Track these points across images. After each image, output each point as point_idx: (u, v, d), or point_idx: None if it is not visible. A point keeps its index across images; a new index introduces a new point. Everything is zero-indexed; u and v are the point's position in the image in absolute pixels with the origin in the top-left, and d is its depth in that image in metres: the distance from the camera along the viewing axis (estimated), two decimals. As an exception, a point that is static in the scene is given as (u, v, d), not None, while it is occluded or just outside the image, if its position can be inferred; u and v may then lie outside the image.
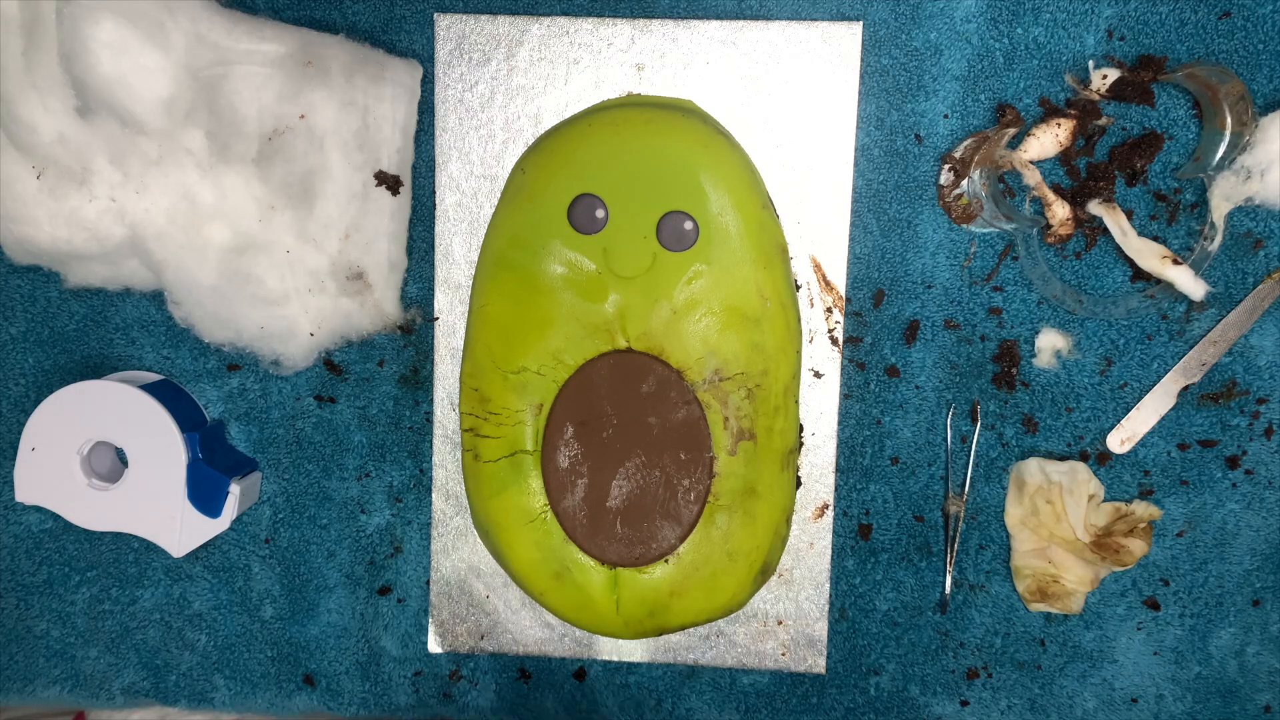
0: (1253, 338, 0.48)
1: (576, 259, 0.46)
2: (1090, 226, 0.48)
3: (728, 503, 0.46)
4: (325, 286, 0.49)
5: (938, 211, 0.49)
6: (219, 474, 0.49)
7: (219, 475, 0.49)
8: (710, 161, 0.46)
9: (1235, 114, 0.45)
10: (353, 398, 0.52)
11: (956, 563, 0.51)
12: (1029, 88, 0.47)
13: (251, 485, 0.51)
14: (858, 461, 0.50)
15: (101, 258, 0.49)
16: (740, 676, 0.52)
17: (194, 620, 0.53)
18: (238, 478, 0.50)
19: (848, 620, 0.51)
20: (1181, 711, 0.51)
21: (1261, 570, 0.50)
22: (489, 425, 0.47)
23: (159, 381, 0.51)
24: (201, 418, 0.52)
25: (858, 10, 0.48)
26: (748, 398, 0.46)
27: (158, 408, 0.49)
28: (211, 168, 0.47)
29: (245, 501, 0.51)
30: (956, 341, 0.49)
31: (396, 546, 0.52)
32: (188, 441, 0.49)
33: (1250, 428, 0.49)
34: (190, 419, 0.51)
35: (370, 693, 0.53)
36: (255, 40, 0.46)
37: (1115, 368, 0.49)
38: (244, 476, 0.51)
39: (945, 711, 0.52)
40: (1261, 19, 0.46)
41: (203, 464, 0.49)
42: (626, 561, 0.47)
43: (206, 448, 0.50)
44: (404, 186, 0.49)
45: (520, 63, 0.48)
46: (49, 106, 0.46)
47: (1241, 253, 0.48)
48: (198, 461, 0.49)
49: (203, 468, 0.49)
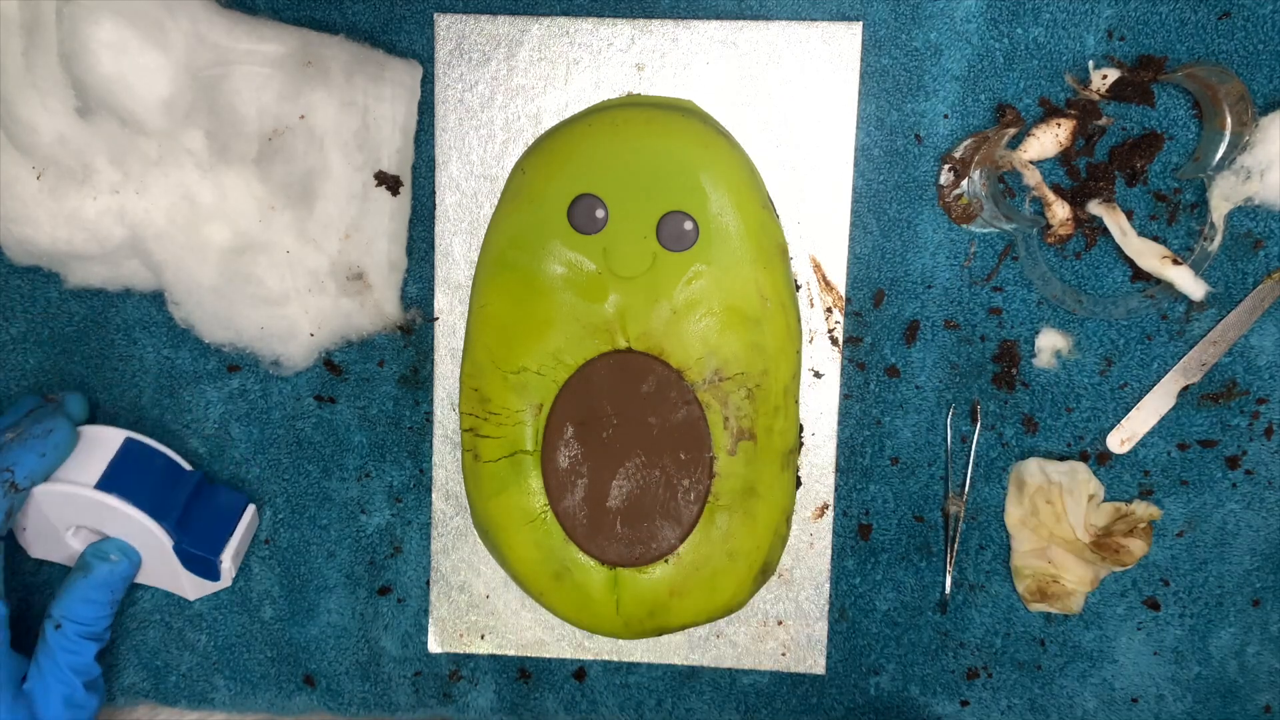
0: (1253, 338, 0.48)
1: (576, 259, 0.46)
2: (1090, 226, 0.48)
3: (728, 503, 0.46)
4: (325, 287, 0.49)
5: (938, 211, 0.49)
6: (205, 555, 0.49)
7: (205, 556, 0.49)
8: (710, 161, 0.46)
9: (1235, 114, 0.45)
10: (353, 398, 0.52)
11: (956, 563, 0.51)
12: (1029, 88, 0.48)
13: (247, 530, 0.51)
14: (858, 461, 0.50)
15: (101, 258, 0.49)
16: (740, 676, 0.52)
17: (194, 620, 0.53)
18: (229, 538, 0.50)
19: (848, 620, 0.51)
20: (1181, 711, 0.51)
21: (1261, 570, 0.50)
22: (489, 425, 0.47)
23: (124, 447, 0.49)
24: (176, 474, 0.50)
25: (858, 10, 0.48)
26: (748, 398, 0.46)
27: (124, 506, 0.47)
28: (211, 168, 0.47)
29: (243, 548, 0.51)
30: (956, 341, 0.49)
31: (396, 546, 0.52)
32: (165, 528, 0.48)
33: (1250, 428, 0.49)
34: (165, 490, 0.49)
35: (370, 693, 0.53)
36: (255, 40, 0.46)
37: (1115, 368, 0.49)
38: (234, 530, 0.50)
39: (945, 711, 0.52)
40: (1261, 19, 0.46)
41: (186, 547, 0.49)
42: (626, 561, 0.47)
43: (187, 527, 0.49)
44: (404, 186, 0.49)
45: (520, 63, 0.48)
46: (49, 106, 0.46)
47: (1241, 253, 0.48)
48: (181, 545, 0.49)
49: (188, 549, 0.49)
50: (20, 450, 0.46)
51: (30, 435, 0.46)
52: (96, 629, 0.48)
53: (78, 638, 0.47)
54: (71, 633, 0.47)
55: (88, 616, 0.48)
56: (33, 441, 0.46)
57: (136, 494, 0.48)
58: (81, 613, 0.48)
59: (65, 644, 0.47)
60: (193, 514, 0.49)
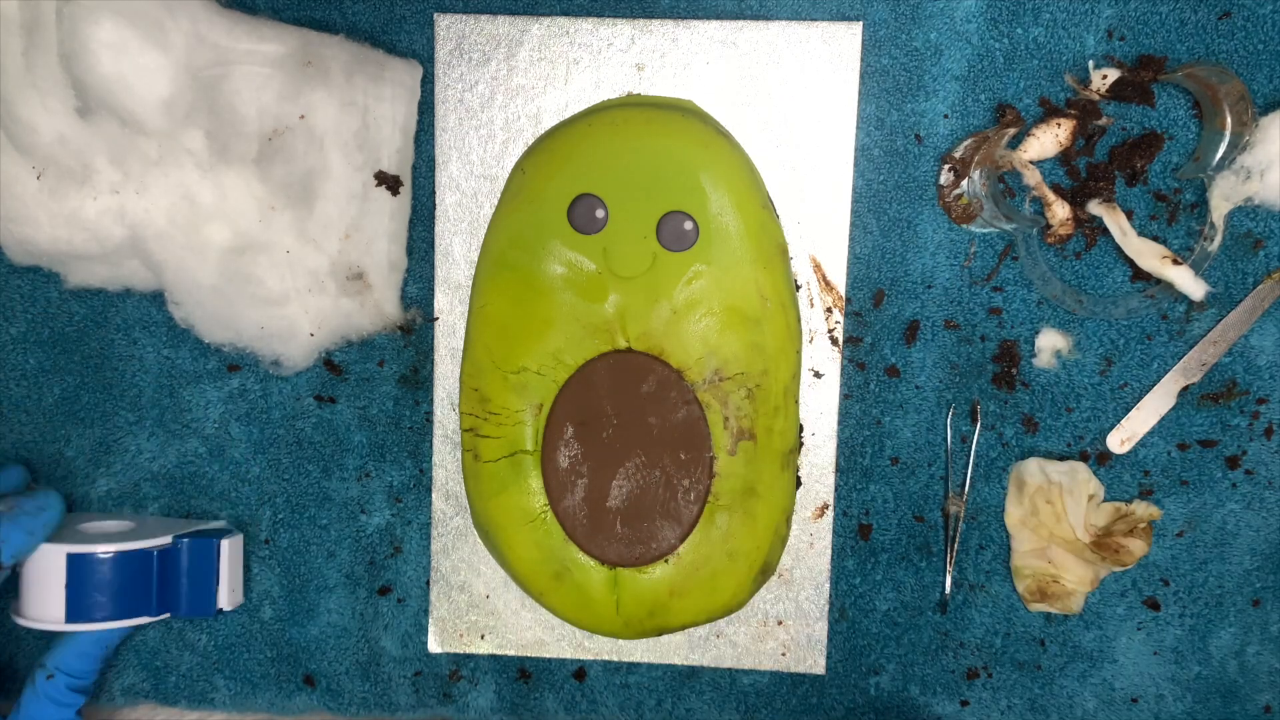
0: (1253, 338, 0.48)
1: (576, 259, 0.46)
2: (1090, 226, 0.48)
3: (728, 503, 0.46)
4: (325, 286, 0.49)
5: (938, 211, 0.49)
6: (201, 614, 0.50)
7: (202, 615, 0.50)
8: (710, 161, 0.46)
9: (1235, 114, 0.45)
10: (353, 398, 0.52)
11: (956, 563, 0.51)
12: (1029, 88, 0.47)
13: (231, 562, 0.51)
14: (858, 461, 0.50)
15: (101, 258, 0.49)
16: (740, 676, 0.52)
17: (194, 620, 0.53)
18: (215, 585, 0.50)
19: (848, 620, 0.51)
20: (1181, 711, 0.51)
21: (1261, 570, 0.50)
22: (489, 425, 0.47)
23: (70, 567, 0.47)
24: (133, 563, 0.48)
25: (858, 10, 0.48)
26: (748, 398, 0.46)
27: (101, 626, 0.47)
28: (211, 168, 0.47)
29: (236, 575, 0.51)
30: (956, 341, 0.49)
31: (396, 546, 0.52)
32: (150, 615, 0.49)
33: (1250, 428, 0.49)
34: (132, 587, 0.48)
35: (370, 693, 0.53)
36: (255, 40, 0.46)
37: (1115, 368, 0.49)
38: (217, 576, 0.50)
39: (945, 711, 0.52)
40: (1261, 19, 0.46)
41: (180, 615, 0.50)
42: (626, 561, 0.47)
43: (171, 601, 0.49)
44: (404, 186, 0.49)
45: (520, 63, 0.48)
46: (49, 106, 0.46)
47: (1241, 253, 0.48)
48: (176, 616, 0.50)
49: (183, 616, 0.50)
50: (10, 527, 0.45)
51: (22, 511, 0.46)
52: (85, 682, 0.49)
53: (68, 690, 0.48)
54: (63, 684, 0.48)
55: (80, 670, 0.49)
56: (24, 519, 0.46)
57: (106, 608, 0.48)
58: (74, 665, 0.49)
59: (55, 694, 0.48)
60: (170, 586, 0.49)
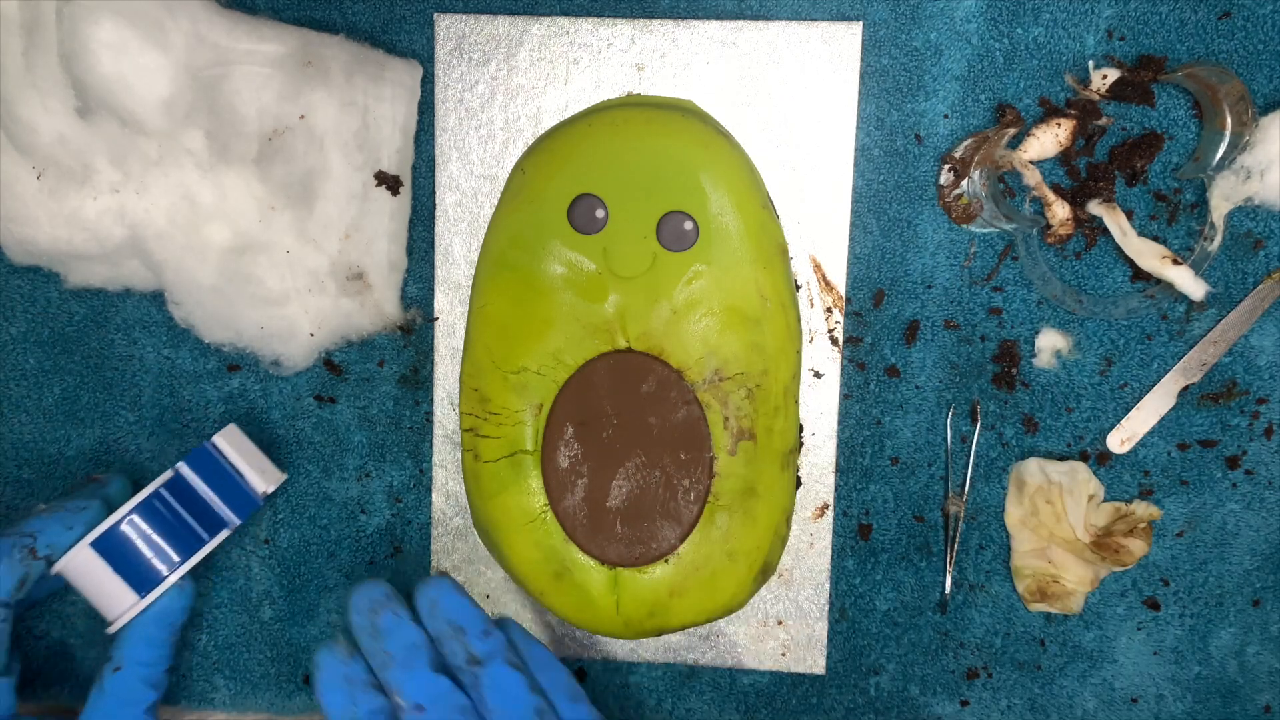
0: (1253, 338, 0.48)
1: (576, 259, 0.46)
2: (1090, 226, 0.48)
3: (728, 503, 0.46)
4: (325, 286, 0.49)
5: (938, 211, 0.49)
6: (255, 506, 0.49)
7: (255, 507, 0.49)
8: (710, 161, 0.46)
9: (1235, 114, 0.45)
10: (353, 398, 0.52)
11: (956, 563, 0.51)
12: (1029, 88, 0.48)
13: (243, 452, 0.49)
14: (858, 461, 0.50)
15: (101, 258, 0.49)
16: (740, 676, 0.52)
17: (194, 620, 0.53)
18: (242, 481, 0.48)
19: (848, 620, 0.51)
20: (1181, 711, 0.51)
21: (1261, 570, 0.50)
22: (489, 425, 0.47)
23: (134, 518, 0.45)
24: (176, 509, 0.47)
25: (858, 10, 0.48)
26: (748, 398, 0.46)
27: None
28: (211, 168, 0.47)
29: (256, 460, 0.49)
30: (956, 341, 0.49)
31: (396, 546, 0.52)
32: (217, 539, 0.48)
33: (1250, 428, 0.49)
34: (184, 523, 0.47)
35: (370, 693, 0.53)
36: (255, 40, 0.46)
37: (1115, 368, 0.49)
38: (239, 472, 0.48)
39: (945, 711, 0.52)
40: (1261, 19, 0.46)
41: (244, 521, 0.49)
42: (626, 561, 0.47)
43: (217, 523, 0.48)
44: (404, 186, 0.49)
45: (520, 63, 0.48)
46: (49, 106, 0.46)
47: (1241, 253, 0.48)
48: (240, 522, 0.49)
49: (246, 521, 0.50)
50: (47, 519, 0.44)
51: (62, 508, 0.45)
52: (157, 672, 0.46)
53: (139, 683, 0.45)
54: (132, 677, 0.45)
55: (149, 658, 0.45)
56: (62, 514, 0.45)
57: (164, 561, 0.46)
58: (142, 654, 0.45)
59: (124, 690, 0.44)
60: (201, 508, 0.47)
